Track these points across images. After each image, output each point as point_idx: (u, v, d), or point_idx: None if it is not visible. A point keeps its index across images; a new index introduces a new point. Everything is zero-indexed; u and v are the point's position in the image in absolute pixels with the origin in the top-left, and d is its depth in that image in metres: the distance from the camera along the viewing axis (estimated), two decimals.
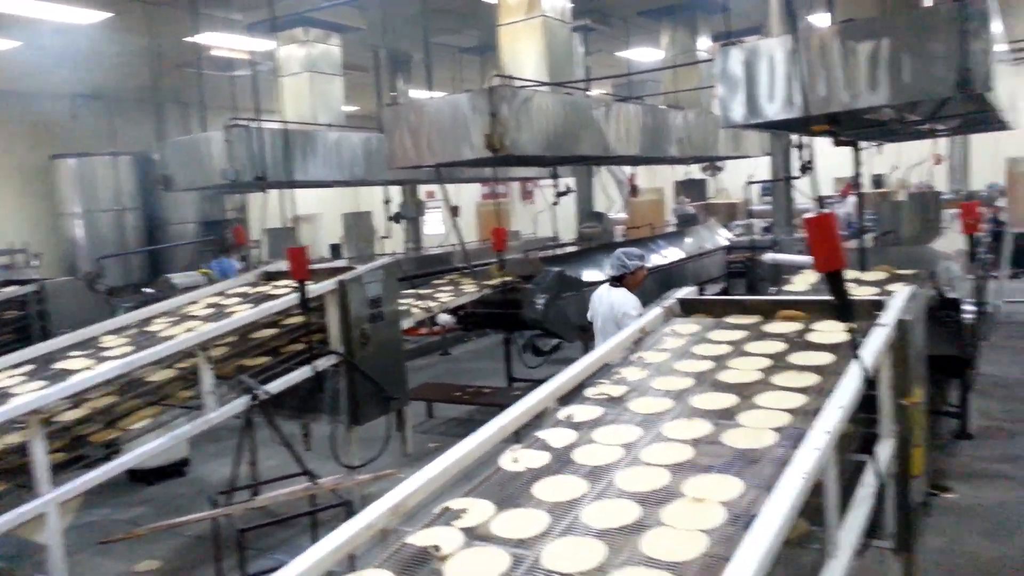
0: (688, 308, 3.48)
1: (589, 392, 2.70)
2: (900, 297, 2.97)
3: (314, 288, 4.63)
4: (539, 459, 2.21)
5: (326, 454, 4.99)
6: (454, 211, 13.81)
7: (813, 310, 3.12)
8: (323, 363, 4.75)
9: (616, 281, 4.92)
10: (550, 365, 7.12)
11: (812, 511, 2.02)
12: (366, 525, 1.90)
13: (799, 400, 2.39)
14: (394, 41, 10.90)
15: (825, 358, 2.68)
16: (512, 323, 7.10)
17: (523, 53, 7.00)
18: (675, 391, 2.57)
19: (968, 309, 4.72)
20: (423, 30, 6.99)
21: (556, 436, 2.34)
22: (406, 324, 5.75)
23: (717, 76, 4.64)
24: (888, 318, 2.77)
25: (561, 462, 2.20)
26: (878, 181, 16.43)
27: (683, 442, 2.20)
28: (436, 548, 1.81)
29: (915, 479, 3.05)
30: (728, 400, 2.45)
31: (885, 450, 2.80)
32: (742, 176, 13.22)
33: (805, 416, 2.26)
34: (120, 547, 4.64)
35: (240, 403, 4.19)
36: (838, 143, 4.70)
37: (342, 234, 13.21)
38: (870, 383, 2.55)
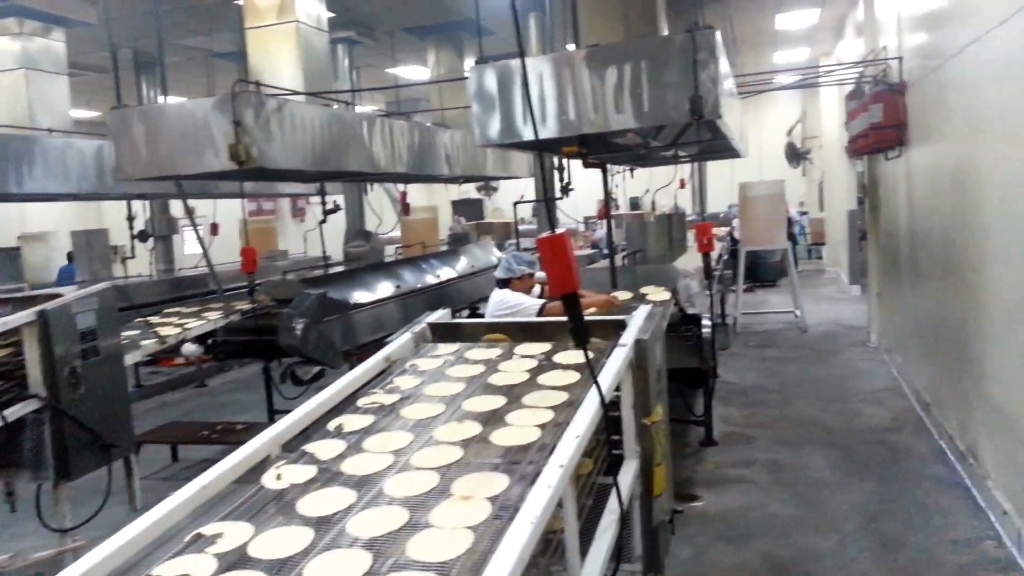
0: (439, 333, 3.32)
1: (361, 402, 2.60)
2: (638, 317, 2.99)
3: (5, 320, 3.88)
4: (304, 474, 2.14)
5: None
6: (213, 229, 12.72)
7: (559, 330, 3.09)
8: (19, 409, 3.97)
9: (503, 284, 4.85)
10: (313, 394, 6.65)
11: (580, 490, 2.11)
12: None
13: (562, 397, 2.52)
14: (134, 40, 9.84)
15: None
16: (269, 351, 6.55)
17: (277, 60, 6.53)
18: (448, 396, 2.61)
19: (706, 323, 5.00)
20: (156, 25, 6.27)
21: (324, 448, 2.28)
22: (133, 358, 5.04)
23: (472, 94, 4.56)
24: (627, 338, 2.76)
25: (329, 474, 2.15)
26: (634, 203, 17.67)
27: (453, 444, 2.25)
28: None
29: (659, 498, 3.08)
30: (497, 401, 2.53)
31: (629, 471, 2.77)
32: (516, 196, 13.54)
33: (569, 408, 2.37)
34: None
35: None
36: (587, 165, 4.79)
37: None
38: (612, 404, 2.53)
